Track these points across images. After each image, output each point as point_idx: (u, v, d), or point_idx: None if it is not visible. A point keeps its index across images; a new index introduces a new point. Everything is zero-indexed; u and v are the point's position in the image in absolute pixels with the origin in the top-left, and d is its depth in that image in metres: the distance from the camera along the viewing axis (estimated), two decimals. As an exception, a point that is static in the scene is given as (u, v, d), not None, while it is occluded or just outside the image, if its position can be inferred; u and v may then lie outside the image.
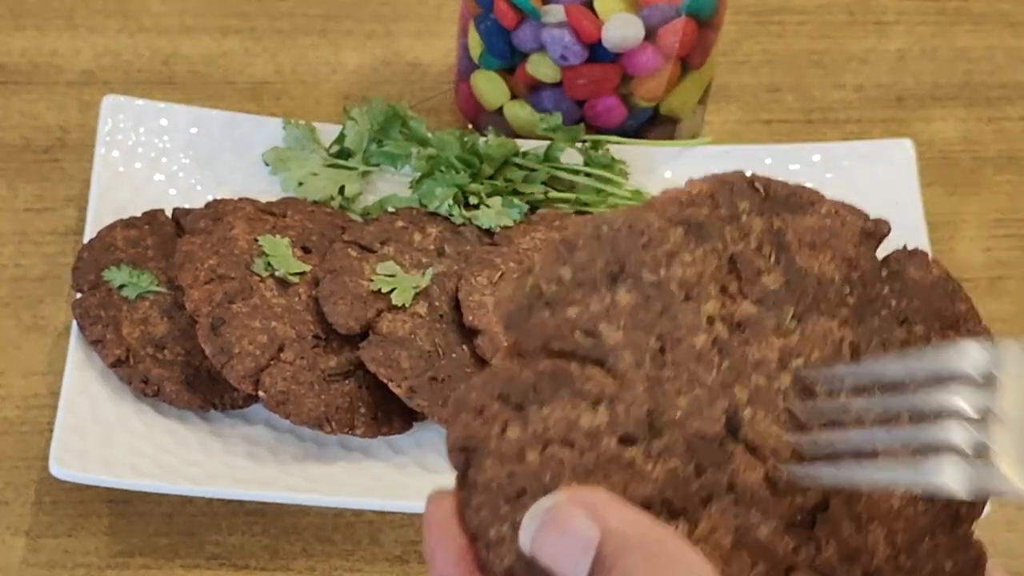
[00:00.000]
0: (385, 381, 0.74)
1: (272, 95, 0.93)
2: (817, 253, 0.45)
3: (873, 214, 0.47)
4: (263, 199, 0.83)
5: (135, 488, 0.73)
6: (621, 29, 0.82)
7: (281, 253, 0.79)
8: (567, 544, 0.38)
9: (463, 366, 0.76)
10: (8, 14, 0.96)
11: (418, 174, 0.84)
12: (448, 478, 0.75)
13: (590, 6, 0.81)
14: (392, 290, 0.77)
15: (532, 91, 0.87)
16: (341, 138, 0.86)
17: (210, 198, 0.83)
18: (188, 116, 0.87)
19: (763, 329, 0.43)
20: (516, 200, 0.83)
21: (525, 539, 0.39)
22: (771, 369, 0.42)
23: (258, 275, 0.78)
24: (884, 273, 0.45)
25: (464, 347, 0.77)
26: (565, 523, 0.39)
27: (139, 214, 0.82)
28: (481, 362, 0.76)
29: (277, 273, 0.78)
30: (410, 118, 0.86)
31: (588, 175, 0.85)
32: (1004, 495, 0.38)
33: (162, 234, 0.81)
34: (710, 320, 0.43)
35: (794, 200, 0.45)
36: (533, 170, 0.85)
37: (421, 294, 0.78)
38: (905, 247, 0.46)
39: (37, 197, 0.87)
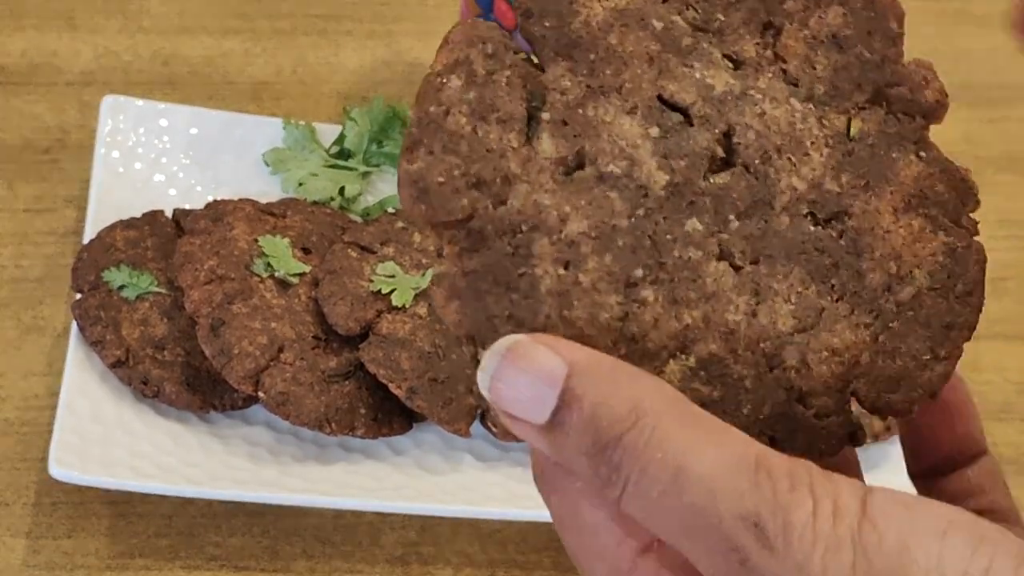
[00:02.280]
0: (385, 382, 0.74)
1: (272, 95, 0.93)
2: None
3: None
4: (263, 200, 0.83)
5: (135, 489, 0.72)
6: (621, 29, 0.82)
7: (281, 254, 0.79)
8: (531, 381, 0.37)
9: (463, 367, 0.76)
10: (8, 15, 0.96)
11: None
12: (446, 478, 0.75)
13: (590, 6, 0.81)
14: (392, 291, 0.77)
15: (532, 91, 0.87)
16: (341, 138, 0.86)
17: (210, 199, 0.83)
18: (188, 116, 0.86)
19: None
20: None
21: (484, 381, 0.38)
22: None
23: (258, 276, 0.78)
24: None
25: (464, 347, 0.76)
26: (529, 358, 0.37)
27: (139, 215, 0.82)
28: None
29: (277, 274, 0.78)
30: (410, 118, 0.86)
31: (588, 175, 0.85)
32: None
33: (162, 235, 0.81)
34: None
35: None
36: (533, 170, 0.85)
37: (421, 295, 0.78)
38: None
39: (37, 198, 0.87)
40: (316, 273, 0.79)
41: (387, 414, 0.76)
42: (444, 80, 0.40)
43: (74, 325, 0.77)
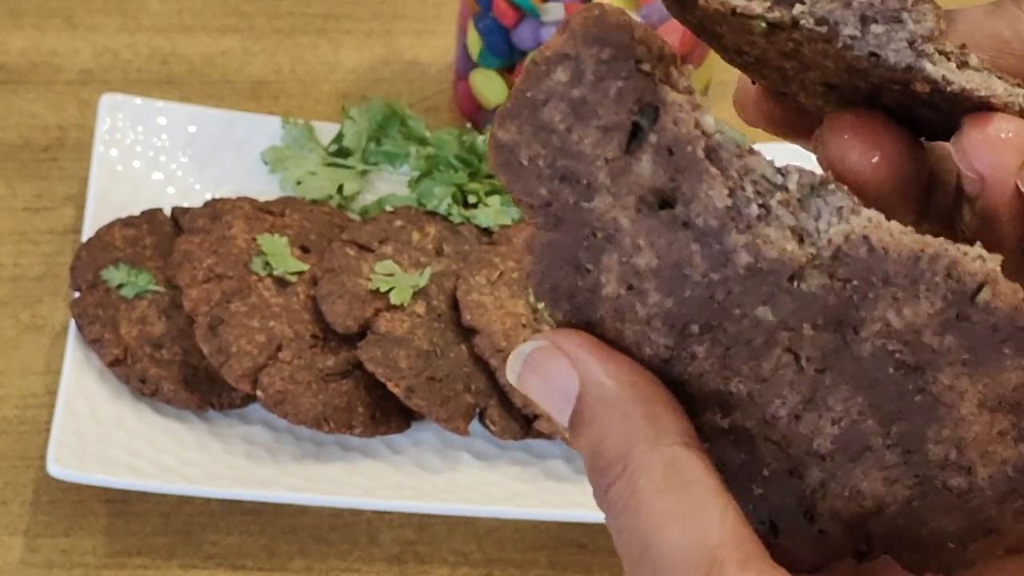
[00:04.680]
0: (383, 380, 0.74)
1: (271, 94, 0.93)
2: None
3: None
4: (262, 198, 0.83)
5: (133, 488, 0.73)
6: (620, 28, 0.82)
7: (279, 252, 0.79)
8: (548, 390, 0.37)
9: (461, 365, 0.76)
10: (7, 13, 0.96)
11: (417, 173, 0.84)
12: (444, 477, 0.75)
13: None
14: (390, 289, 0.77)
15: (531, 90, 0.86)
16: (340, 137, 0.86)
17: (209, 197, 0.83)
18: (187, 115, 0.86)
19: None
20: (515, 199, 0.83)
21: (512, 377, 0.38)
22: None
23: (256, 274, 0.78)
24: None
25: (462, 346, 0.77)
26: (546, 369, 0.37)
27: (137, 213, 0.82)
28: (479, 361, 0.76)
29: (275, 272, 0.78)
30: (409, 117, 0.86)
31: (587, 174, 0.85)
32: None
33: (160, 233, 0.81)
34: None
35: None
36: (532, 169, 0.85)
37: (419, 293, 0.78)
38: None
39: (35, 196, 0.87)
40: (314, 272, 0.79)
41: (385, 413, 0.76)
42: (549, 69, 0.37)
43: (72, 324, 0.77)
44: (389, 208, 0.83)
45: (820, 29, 0.37)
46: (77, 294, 0.79)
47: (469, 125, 0.90)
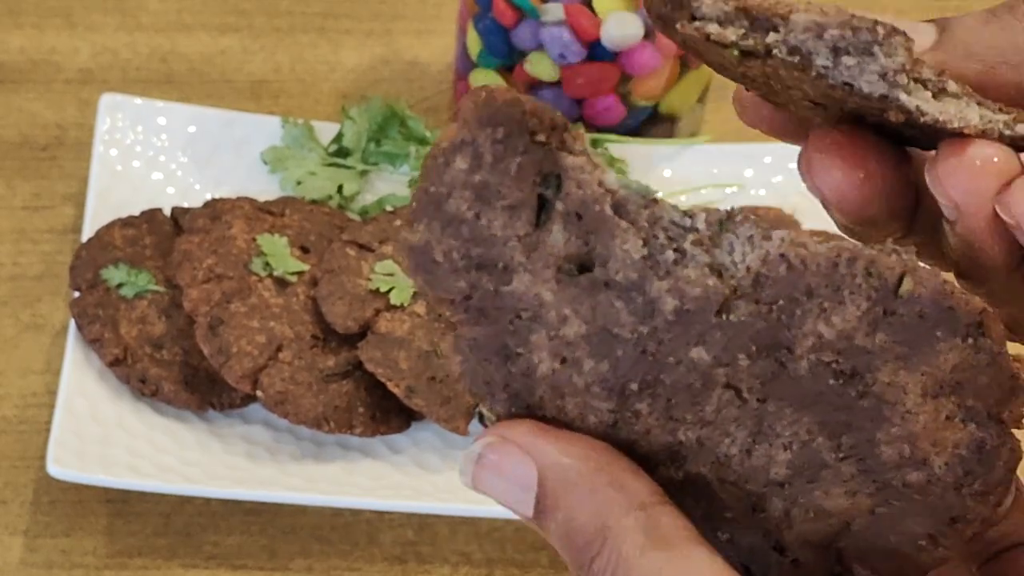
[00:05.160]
0: (383, 381, 0.74)
1: (271, 94, 0.93)
2: None
3: None
4: (261, 198, 0.83)
5: (133, 488, 0.73)
6: (620, 28, 0.82)
7: (279, 252, 0.79)
8: (506, 485, 0.37)
9: (461, 366, 0.76)
10: (6, 12, 0.95)
11: (416, 173, 0.84)
12: (444, 477, 0.75)
13: (589, 5, 0.81)
14: (391, 289, 0.77)
15: (531, 90, 0.86)
16: (339, 137, 0.86)
17: (208, 197, 0.83)
18: (186, 115, 0.86)
19: None
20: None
21: (466, 479, 0.38)
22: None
23: (256, 274, 0.78)
24: None
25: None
26: (500, 465, 0.37)
27: (137, 213, 0.82)
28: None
29: (275, 273, 0.78)
30: (408, 117, 0.86)
31: (587, 174, 0.85)
32: None
33: (160, 233, 0.81)
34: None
35: None
36: (532, 169, 0.85)
37: (420, 293, 0.78)
38: None
39: (35, 195, 0.87)
40: (314, 272, 0.79)
41: (385, 413, 0.76)
42: (448, 160, 0.37)
43: (72, 323, 0.77)
44: (389, 208, 0.83)
45: (792, 59, 0.37)
46: (77, 294, 0.79)
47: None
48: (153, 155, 0.85)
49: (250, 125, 0.86)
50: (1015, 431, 0.38)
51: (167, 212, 0.83)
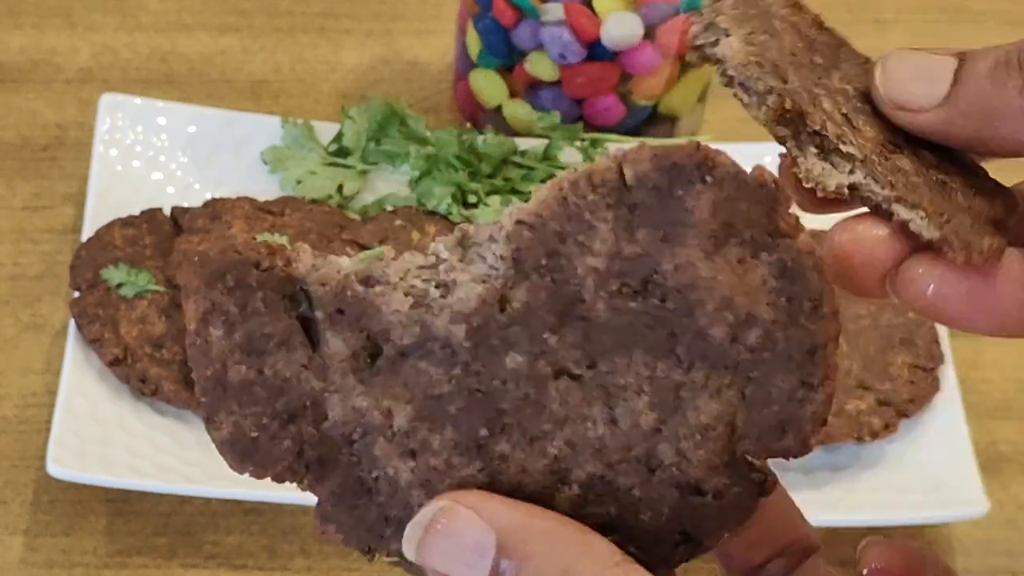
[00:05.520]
0: (383, 380, 0.74)
1: (270, 93, 0.93)
2: None
3: None
4: (261, 198, 0.83)
5: (133, 488, 0.73)
6: (620, 27, 0.82)
7: (279, 252, 0.79)
8: (460, 549, 0.36)
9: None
10: (6, 12, 0.95)
11: (416, 173, 0.84)
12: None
13: (589, 4, 0.81)
14: (390, 289, 0.77)
15: (531, 90, 0.86)
16: (339, 137, 0.86)
17: (208, 197, 0.83)
18: (186, 115, 0.86)
19: None
20: (515, 199, 0.83)
21: (409, 550, 0.37)
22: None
23: (256, 274, 0.78)
24: None
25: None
26: (456, 528, 0.37)
27: (137, 213, 0.82)
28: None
29: (275, 272, 0.78)
30: (408, 117, 0.86)
31: (587, 174, 0.85)
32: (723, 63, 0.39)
33: (160, 233, 0.81)
34: None
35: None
36: (532, 169, 0.85)
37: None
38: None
39: (35, 195, 0.87)
40: (314, 271, 0.79)
41: (385, 412, 0.76)
42: (204, 336, 0.38)
43: (72, 323, 0.77)
44: (389, 208, 0.83)
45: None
46: (77, 293, 0.78)
47: (469, 125, 0.90)
48: (153, 155, 0.85)
49: (250, 125, 0.86)
50: (802, 238, 0.38)
51: (167, 212, 0.83)
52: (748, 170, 0.37)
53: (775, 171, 0.39)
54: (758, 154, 0.87)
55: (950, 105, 0.39)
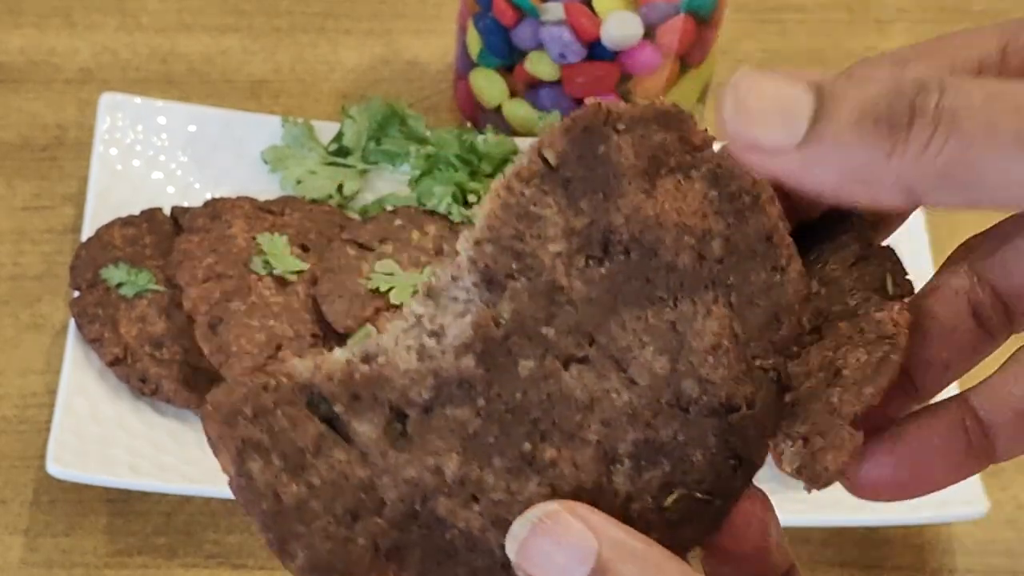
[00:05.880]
0: (383, 380, 0.74)
1: (270, 93, 0.93)
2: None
3: None
4: (261, 197, 0.83)
5: (133, 487, 0.73)
6: (620, 27, 0.82)
7: (279, 251, 0.79)
8: (563, 553, 0.37)
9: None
10: (6, 12, 0.95)
11: (417, 172, 0.84)
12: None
13: (589, 4, 0.81)
14: (390, 289, 0.77)
15: (531, 89, 0.86)
16: (339, 136, 0.86)
17: (208, 196, 0.83)
18: (186, 114, 0.86)
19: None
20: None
21: (512, 548, 0.38)
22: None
23: (256, 274, 0.78)
24: None
25: None
26: (563, 532, 0.38)
27: (137, 212, 0.82)
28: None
29: (275, 272, 0.78)
30: (409, 116, 0.86)
31: (587, 173, 0.85)
32: None
33: (160, 232, 0.81)
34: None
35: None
36: (532, 168, 0.85)
37: (419, 293, 0.78)
38: None
39: (35, 195, 0.87)
40: (314, 271, 0.79)
41: (385, 412, 0.76)
42: (246, 479, 0.38)
43: (72, 323, 0.77)
44: (389, 207, 0.83)
45: None
46: (77, 293, 0.78)
47: (469, 124, 0.90)
48: (153, 155, 0.85)
49: (250, 125, 0.86)
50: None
51: (167, 211, 0.82)
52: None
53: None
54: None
55: (808, 152, 0.34)
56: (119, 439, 0.74)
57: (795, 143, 0.34)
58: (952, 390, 0.42)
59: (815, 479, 0.39)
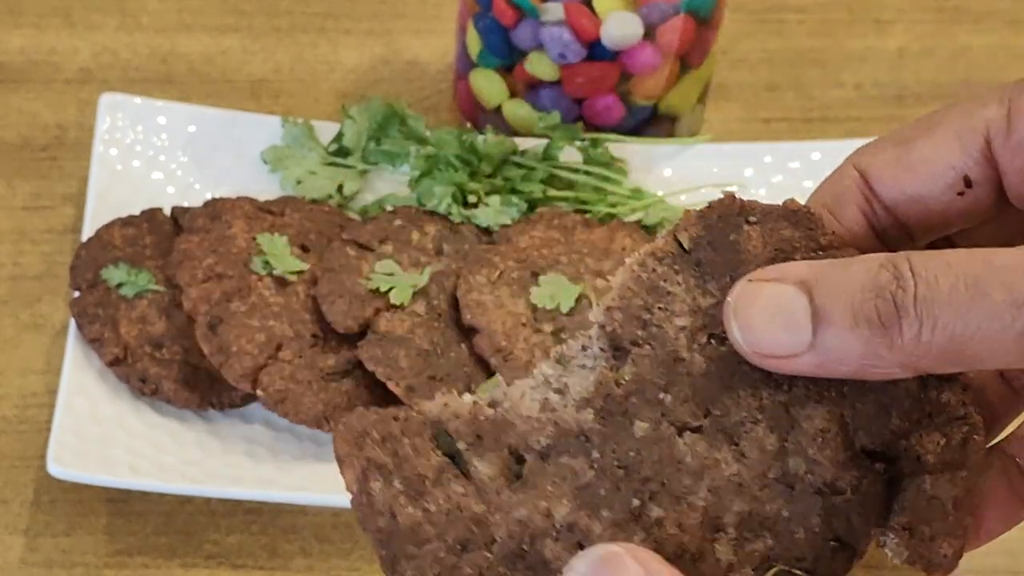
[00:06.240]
0: (383, 380, 0.74)
1: (270, 93, 0.93)
2: None
3: None
4: (261, 197, 0.83)
5: (133, 487, 0.73)
6: (620, 27, 0.82)
7: (279, 252, 0.79)
8: None
9: (461, 365, 0.76)
10: (6, 12, 0.95)
11: (417, 172, 0.84)
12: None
13: (589, 4, 0.81)
14: (390, 289, 0.77)
15: (531, 89, 0.86)
16: (339, 136, 0.86)
17: (208, 196, 0.83)
18: (186, 114, 0.86)
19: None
20: (515, 198, 0.83)
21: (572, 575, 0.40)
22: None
23: (256, 274, 0.78)
24: None
25: (462, 345, 0.77)
26: (617, 571, 0.39)
27: (137, 212, 0.82)
28: (479, 361, 0.76)
29: (275, 272, 0.78)
30: (408, 116, 0.86)
31: (587, 173, 0.85)
32: None
33: (160, 233, 0.81)
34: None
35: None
36: (532, 168, 0.85)
37: (419, 293, 0.78)
38: None
39: (35, 195, 0.87)
40: (314, 271, 0.79)
41: (385, 412, 0.76)
42: (368, 493, 0.41)
43: (72, 323, 0.77)
44: (389, 207, 0.83)
45: None
46: (77, 293, 0.78)
47: (469, 125, 0.90)
48: (153, 155, 0.85)
49: (250, 125, 0.86)
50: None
51: (167, 212, 0.83)
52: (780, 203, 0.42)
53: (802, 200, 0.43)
54: (758, 154, 0.88)
55: (818, 353, 0.39)
56: (119, 439, 0.74)
57: (803, 348, 0.39)
58: None
59: (934, 568, 0.41)
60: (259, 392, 0.74)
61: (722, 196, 0.43)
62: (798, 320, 0.39)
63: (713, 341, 0.41)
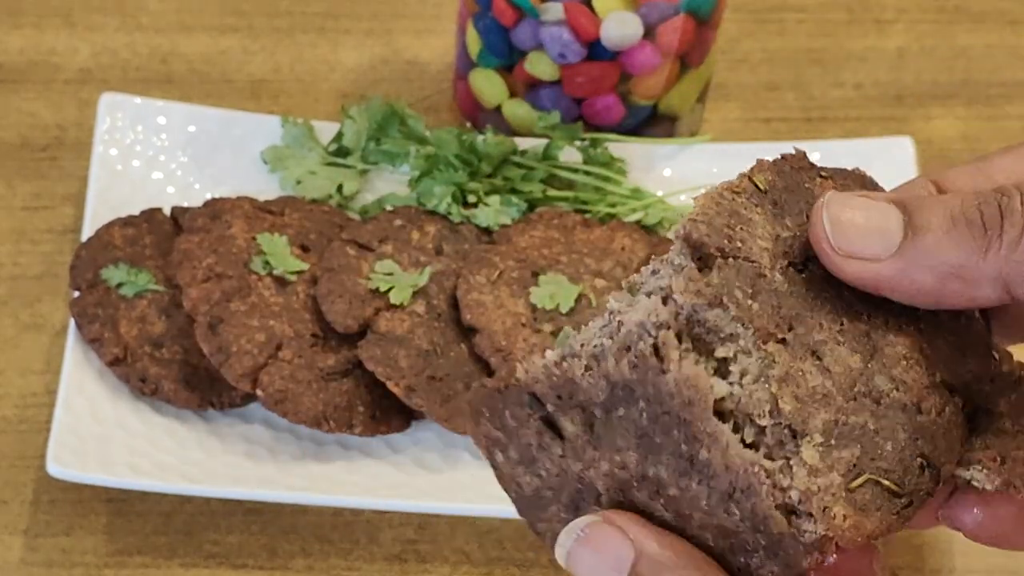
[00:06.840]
0: (383, 380, 0.74)
1: (270, 93, 0.93)
2: None
3: None
4: (261, 197, 0.83)
5: (133, 487, 0.73)
6: (620, 27, 0.82)
7: (279, 251, 0.79)
8: (601, 562, 0.40)
9: (461, 365, 0.76)
10: (6, 12, 0.95)
11: (416, 172, 0.84)
12: (444, 476, 0.75)
13: (589, 4, 0.81)
14: (390, 289, 0.77)
15: (531, 89, 0.86)
16: (339, 136, 0.86)
17: (208, 196, 0.83)
18: (186, 114, 0.86)
19: None
20: (515, 198, 0.83)
21: (560, 553, 0.41)
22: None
23: (256, 274, 0.78)
24: None
25: (462, 345, 0.77)
26: (601, 542, 0.40)
27: (137, 212, 0.82)
28: (479, 361, 0.76)
29: (275, 272, 0.78)
30: (408, 116, 0.86)
31: (587, 173, 0.85)
32: None
33: (160, 232, 0.81)
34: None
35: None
36: (532, 168, 0.85)
37: (419, 293, 0.78)
38: None
39: (35, 195, 0.87)
40: (314, 271, 0.79)
41: (385, 412, 0.76)
42: (496, 467, 0.43)
43: (72, 323, 0.77)
44: (389, 207, 0.83)
45: None
46: (77, 293, 0.78)
47: (469, 125, 0.90)
48: (153, 155, 0.85)
49: (250, 125, 0.86)
50: None
51: (167, 212, 0.83)
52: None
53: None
54: (758, 154, 0.87)
55: (905, 258, 0.39)
56: (119, 439, 0.74)
57: (891, 252, 0.38)
58: None
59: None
60: (259, 392, 0.74)
61: (795, 150, 0.44)
62: (890, 226, 0.39)
63: (792, 268, 0.42)
